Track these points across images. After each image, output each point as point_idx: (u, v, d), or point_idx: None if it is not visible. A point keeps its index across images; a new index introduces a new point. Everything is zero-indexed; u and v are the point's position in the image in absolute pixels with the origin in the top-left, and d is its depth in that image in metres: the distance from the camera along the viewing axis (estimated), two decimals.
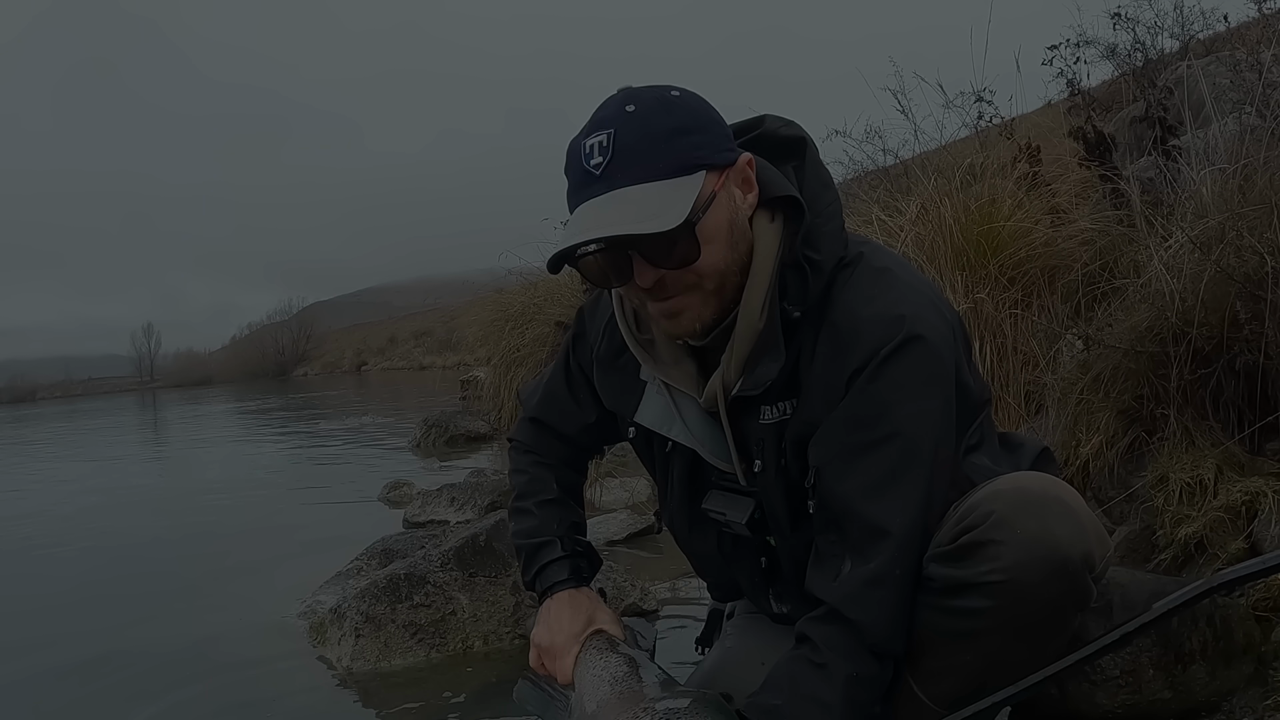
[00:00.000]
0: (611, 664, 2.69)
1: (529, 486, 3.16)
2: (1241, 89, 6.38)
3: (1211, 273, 4.78)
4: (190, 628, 5.73)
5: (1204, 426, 4.93)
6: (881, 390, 2.35)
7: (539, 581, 3.01)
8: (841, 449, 2.39)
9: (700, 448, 2.64)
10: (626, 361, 2.76)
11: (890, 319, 2.37)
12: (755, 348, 2.45)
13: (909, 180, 9.24)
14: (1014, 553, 2.29)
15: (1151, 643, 3.04)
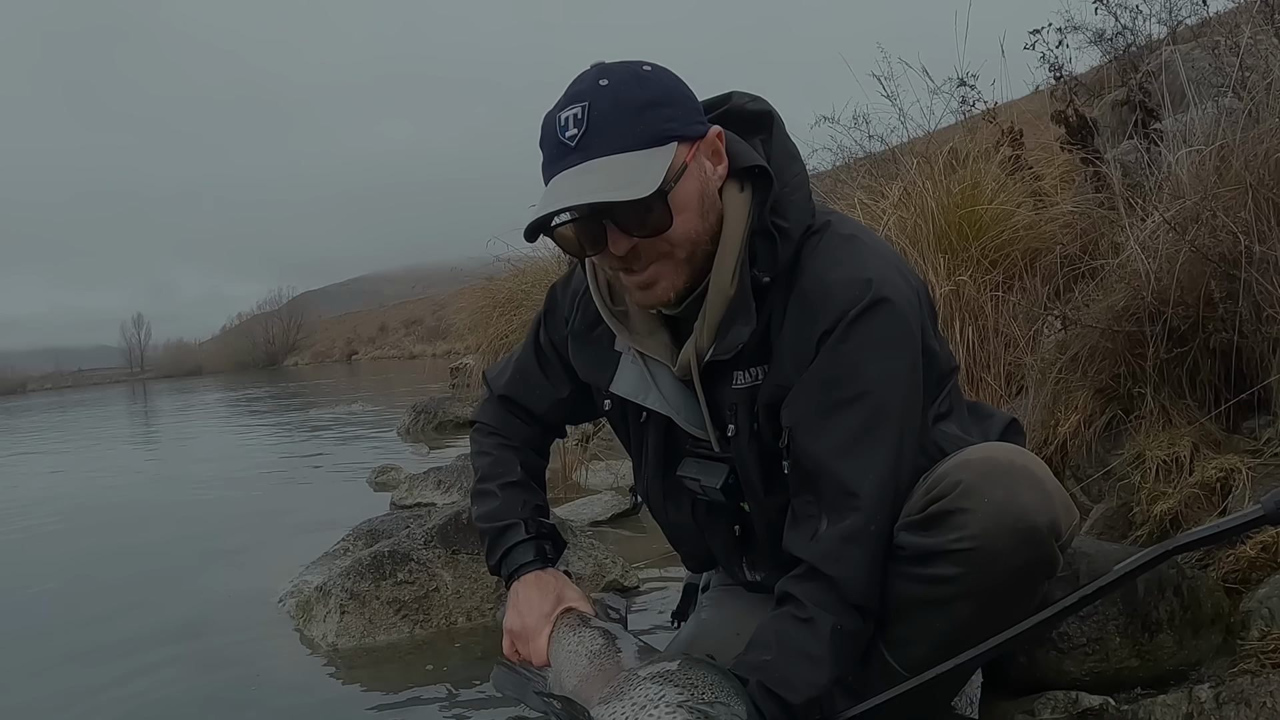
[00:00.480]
0: (586, 638, 2.71)
1: (492, 469, 3.18)
2: (1220, 73, 6.42)
3: (1186, 253, 4.83)
4: (178, 610, 5.74)
5: (1180, 405, 4.98)
6: (850, 351, 2.42)
7: (505, 565, 3.05)
8: (813, 409, 2.45)
9: (675, 415, 2.70)
10: (601, 334, 2.81)
11: (857, 282, 2.44)
12: (727, 313, 2.50)
13: (895, 165, 9.28)
14: (982, 521, 2.36)
15: (1118, 611, 3.08)
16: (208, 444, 18.30)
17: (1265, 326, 4.55)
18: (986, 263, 7.06)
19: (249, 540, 7.69)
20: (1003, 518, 2.35)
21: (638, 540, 6.39)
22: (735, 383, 2.60)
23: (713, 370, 2.60)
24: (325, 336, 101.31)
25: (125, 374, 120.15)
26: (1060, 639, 3.11)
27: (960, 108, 9.66)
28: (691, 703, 2.16)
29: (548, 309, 3.07)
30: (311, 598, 5.06)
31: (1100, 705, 3.02)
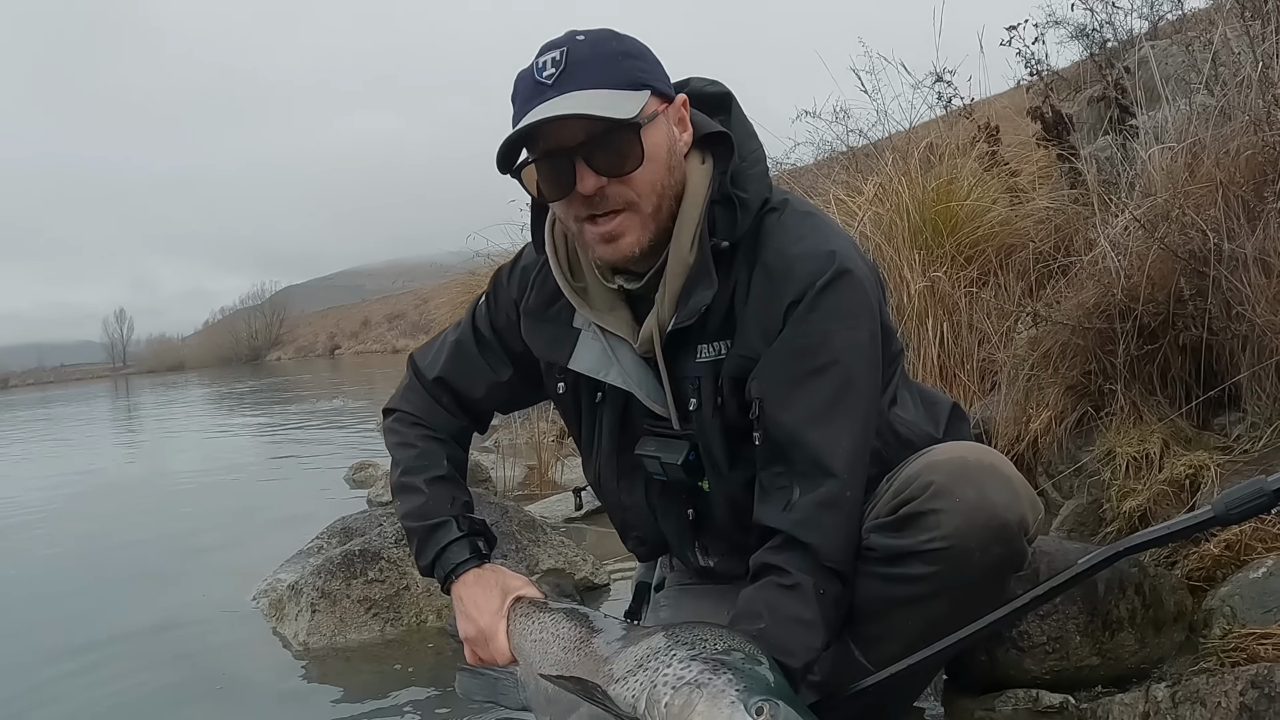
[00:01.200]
0: (549, 622, 2.62)
1: (417, 461, 3.01)
2: (1194, 69, 6.44)
3: (1156, 250, 4.84)
4: (153, 607, 5.76)
5: (1151, 402, 5.00)
6: (818, 320, 2.44)
7: (439, 566, 2.90)
8: (783, 379, 2.46)
9: (637, 390, 2.67)
10: (559, 311, 2.78)
11: (822, 254, 2.47)
12: (687, 280, 2.51)
13: (871, 161, 9.29)
14: (955, 520, 2.40)
15: (1078, 610, 3.10)
16: (187, 441, 18.26)
17: (1234, 323, 4.57)
18: (961, 259, 7.07)
19: (224, 538, 7.70)
20: (975, 516, 2.39)
21: (610, 538, 6.39)
22: (699, 356, 2.59)
23: (676, 343, 2.60)
24: (308, 331, 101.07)
25: (108, 370, 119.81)
26: (1020, 637, 3.12)
27: (937, 103, 9.64)
28: (714, 657, 2.11)
29: (491, 292, 3.03)
30: (283, 596, 5.07)
31: (1060, 704, 3.05)
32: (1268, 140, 4.72)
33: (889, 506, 2.50)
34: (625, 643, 2.33)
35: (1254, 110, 4.90)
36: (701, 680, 2.03)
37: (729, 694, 1.98)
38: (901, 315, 6.81)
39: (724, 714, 1.95)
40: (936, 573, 2.43)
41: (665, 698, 2.05)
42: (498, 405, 3.19)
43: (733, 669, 2.05)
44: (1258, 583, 3.27)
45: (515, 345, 2.96)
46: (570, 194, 2.43)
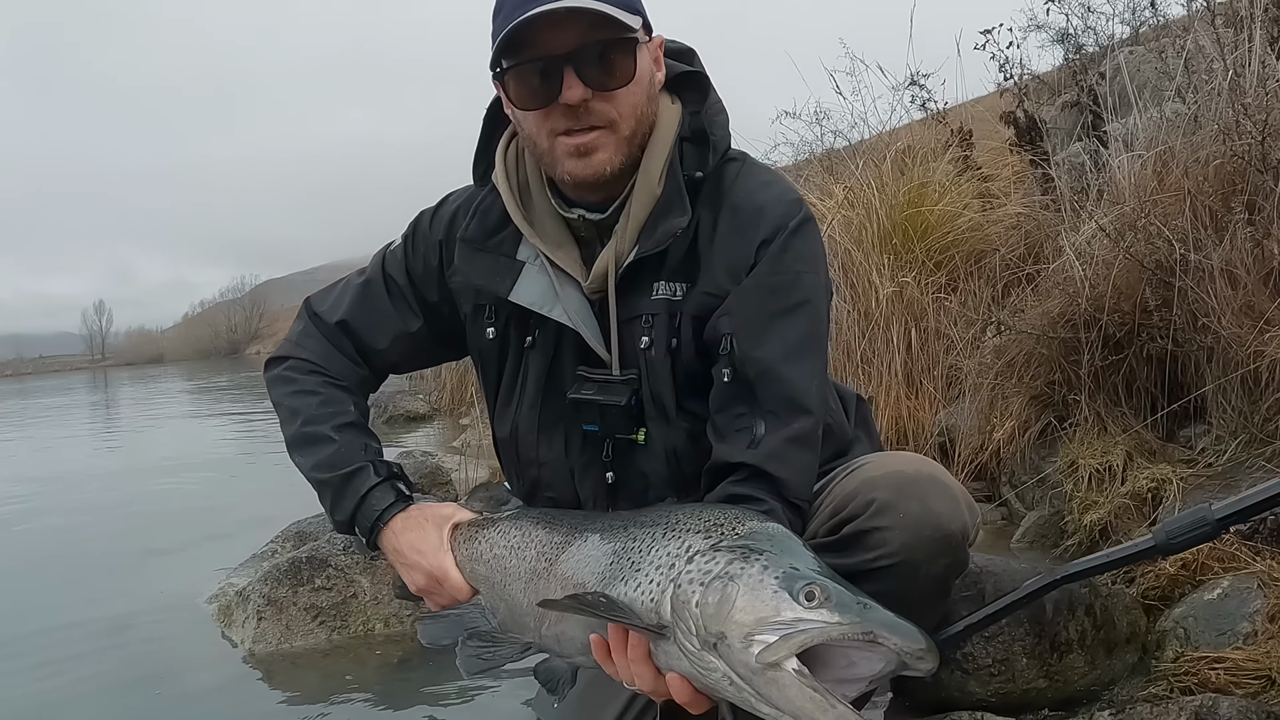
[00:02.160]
0: (499, 538, 2.47)
1: (322, 409, 2.76)
2: (1166, 76, 6.41)
3: (1122, 260, 4.80)
4: (106, 606, 5.67)
5: (1116, 412, 4.95)
6: (791, 261, 2.45)
7: (361, 516, 2.63)
8: (757, 315, 2.42)
9: (581, 328, 2.55)
10: (502, 241, 2.66)
11: (790, 200, 2.53)
12: (656, 209, 2.48)
13: (846, 163, 9.25)
14: (901, 536, 2.35)
15: (1025, 632, 3.04)
16: (160, 436, 18.16)
17: (1200, 335, 4.52)
18: (931, 264, 7.04)
19: (185, 537, 7.58)
20: (921, 531, 2.35)
21: None
22: (654, 294, 2.53)
23: (630, 280, 2.52)
24: (288, 325, 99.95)
25: (86, 361, 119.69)
26: (965, 659, 3.06)
27: (911, 105, 9.62)
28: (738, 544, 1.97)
29: (409, 235, 2.88)
30: (232, 602, 5.00)
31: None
32: (1236, 150, 4.68)
33: (829, 525, 2.45)
34: (605, 539, 2.20)
35: (1223, 119, 4.86)
36: (733, 572, 1.90)
37: (768, 582, 1.86)
38: (869, 321, 6.76)
39: (769, 605, 1.83)
40: (884, 589, 2.35)
41: (695, 597, 1.90)
42: (399, 359, 2.97)
43: (763, 553, 1.93)
44: (1212, 604, 3.22)
45: (430, 294, 2.82)
46: (552, 104, 2.38)
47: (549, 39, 2.32)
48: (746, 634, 1.80)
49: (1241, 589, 3.23)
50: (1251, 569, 3.32)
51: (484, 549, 2.48)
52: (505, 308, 2.65)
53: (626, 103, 2.41)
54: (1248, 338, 4.25)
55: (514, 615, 2.41)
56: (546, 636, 2.32)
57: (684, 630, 1.90)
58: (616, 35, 2.34)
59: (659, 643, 1.97)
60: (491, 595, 2.47)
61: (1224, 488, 4.17)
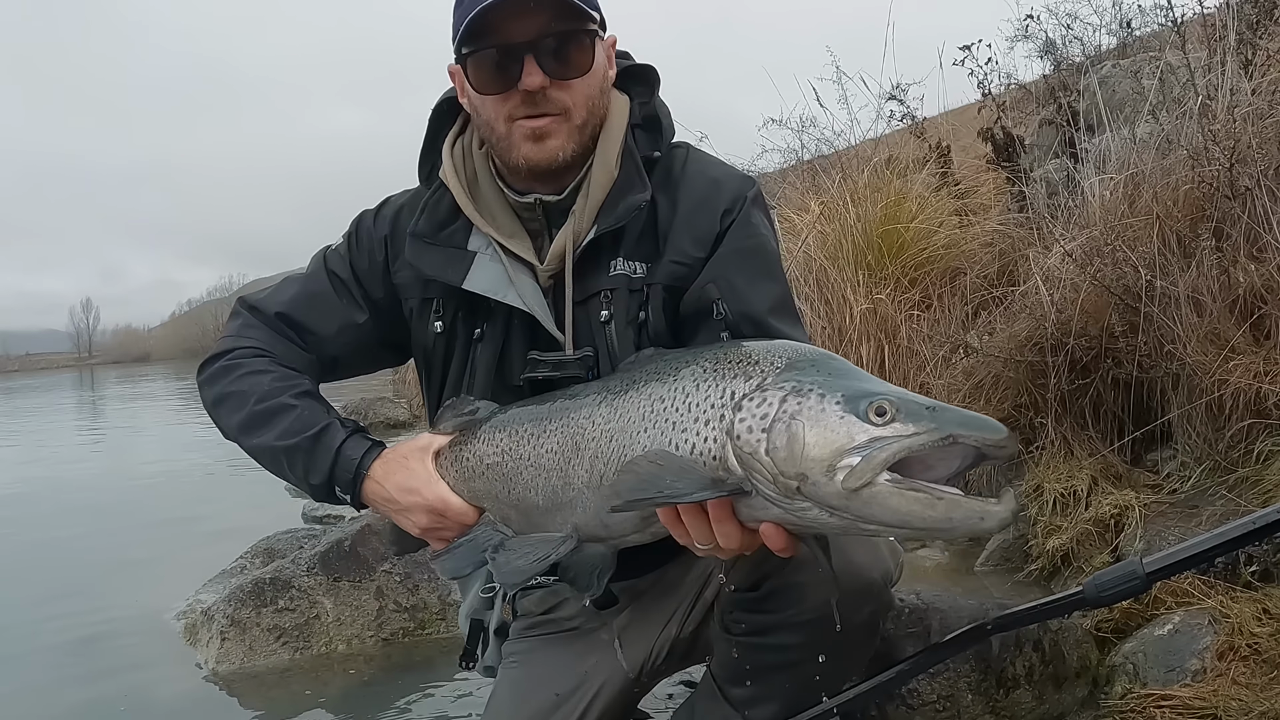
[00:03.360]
0: (487, 447, 2.41)
1: (275, 384, 2.64)
2: (1140, 96, 6.42)
3: (1089, 285, 4.81)
4: (71, 623, 5.66)
5: (1083, 436, 4.96)
6: (757, 226, 2.59)
7: (339, 471, 2.50)
8: (740, 277, 2.50)
9: (536, 310, 2.55)
10: (453, 234, 2.66)
11: (741, 175, 2.69)
12: (614, 189, 2.54)
13: (823, 175, 9.25)
14: (820, 591, 2.33)
15: (971, 668, 3.04)
16: (142, 440, 18.10)
17: (1165, 362, 4.54)
18: (905, 281, 7.04)
19: (156, 550, 7.58)
20: (841, 583, 2.31)
21: None
22: (612, 270, 2.56)
23: (586, 260, 2.56)
24: None
25: (73, 359, 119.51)
26: (910, 695, 3.05)
27: (890, 120, 9.65)
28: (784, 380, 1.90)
29: (352, 233, 2.84)
30: (198, 620, 5.00)
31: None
32: (1204, 176, 4.69)
33: (750, 578, 2.45)
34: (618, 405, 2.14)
35: (1192, 143, 4.87)
36: (790, 409, 1.85)
37: (830, 410, 1.81)
38: (842, 338, 6.77)
39: (840, 432, 1.78)
40: (807, 640, 2.40)
41: (761, 445, 1.84)
42: (341, 352, 2.82)
43: (814, 381, 1.88)
44: (1162, 640, 3.23)
45: (375, 291, 2.77)
46: (511, 89, 2.43)
47: (511, 27, 2.39)
48: (828, 467, 1.77)
49: (1193, 625, 3.24)
50: (1204, 605, 3.33)
51: (475, 464, 2.43)
52: (454, 301, 2.65)
53: (581, 93, 2.48)
54: (1213, 365, 4.26)
55: (532, 516, 2.33)
56: (588, 523, 2.21)
57: (762, 480, 1.85)
58: (576, 26, 2.44)
59: (741, 499, 1.91)
60: (498, 506, 2.41)
61: (1185, 516, 4.20)
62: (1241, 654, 3.08)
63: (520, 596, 2.88)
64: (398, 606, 4.86)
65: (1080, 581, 2.29)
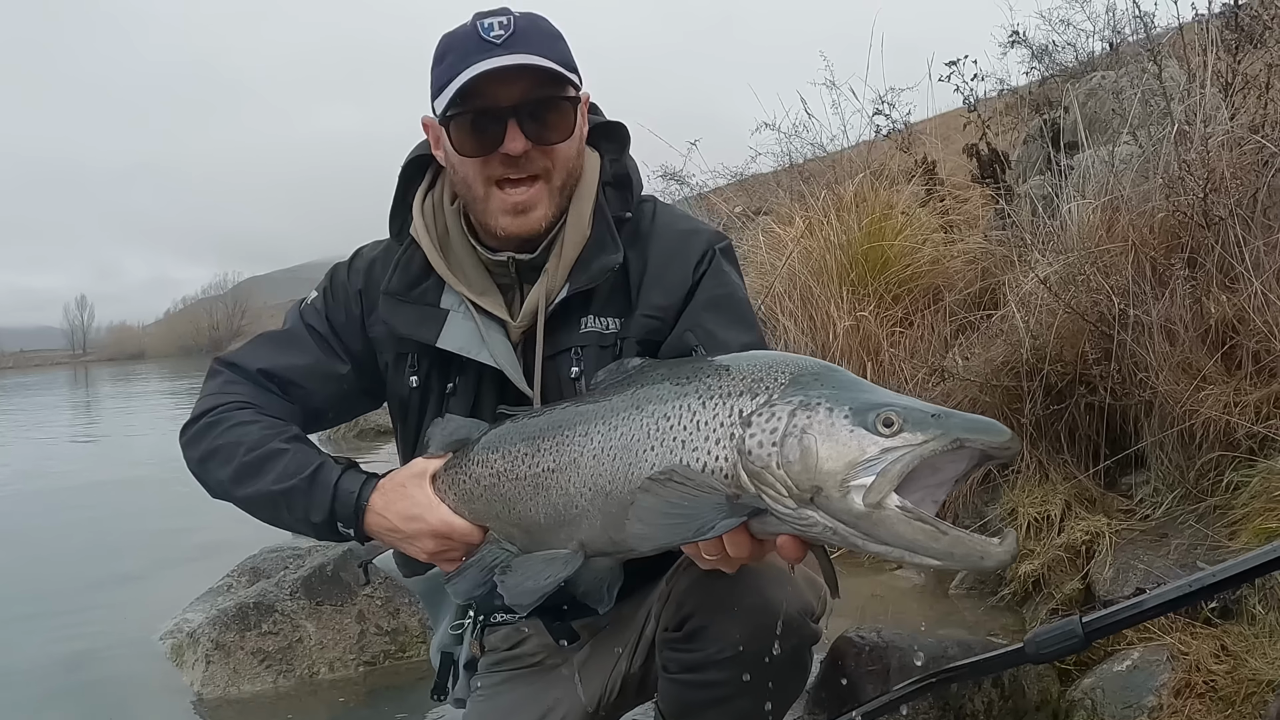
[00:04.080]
0: (482, 469, 2.39)
1: (264, 432, 2.62)
2: (1120, 115, 6.46)
3: (1064, 312, 4.86)
4: (62, 638, 5.73)
5: (1058, 460, 5.02)
6: (729, 278, 2.66)
7: (339, 505, 2.48)
8: (716, 326, 2.56)
9: (507, 368, 2.60)
10: (425, 291, 2.70)
11: (710, 230, 2.76)
12: (586, 249, 2.60)
13: (810, 185, 9.29)
14: (739, 628, 2.40)
15: (929, 705, 3.10)
16: (135, 442, 18.05)
17: (1138, 390, 4.58)
18: (889, 298, 7.07)
19: (145, 564, 7.61)
20: (757, 619, 2.39)
21: None
22: (583, 328, 2.62)
23: (558, 317, 2.61)
24: (270, 323, 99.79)
25: (67, 356, 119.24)
26: None
27: (877, 134, 9.71)
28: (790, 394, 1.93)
29: (327, 287, 2.87)
30: (183, 642, 5.05)
31: None
32: (1179, 204, 4.74)
33: (675, 618, 2.52)
34: (615, 423, 2.13)
35: (1168, 171, 4.92)
36: (800, 424, 1.88)
37: (840, 424, 1.84)
38: (825, 355, 6.79)
39: (852, 446, 1.81)
40: (734, 676, 2.44)
41: (773, 459, 1.87)
42: (325, 404, 2.83)
43: (820, 394, 1.90)
44: (1121, 676, 3.28)
45: (353, 344, 2.80)
46: (492, 153, 2.48)
47: (496, 90, 2.44)
48: (841, 481, 1.80)
49: (1151, 661, 3.29)
50: (1163, 641, 3.39)
51: (472, 485, 2.41)
52: (428, 356, 2.69)
53: (562, 156, 2.54)
54: (1184, 395, 4.31)
55: (535, 533, 2.32)
56: (594, 539, 2.21)
57: (774, 495, 1.88)
58: (559, 93, 2.50)
59: (755, 516, 1.93)
60: (501, 525, 2.40)
61: (1154, 544, 4.26)
62: (1198, 691, 3.14)
63: (487, 633, 2.92)
64: (379, 630, 4.92)
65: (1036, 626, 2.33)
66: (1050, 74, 10.57)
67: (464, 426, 2.52)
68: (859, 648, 3.09)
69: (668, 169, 12.77)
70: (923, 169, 8.54)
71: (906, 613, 4.89)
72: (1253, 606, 3.38)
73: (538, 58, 2.43)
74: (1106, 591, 4.10)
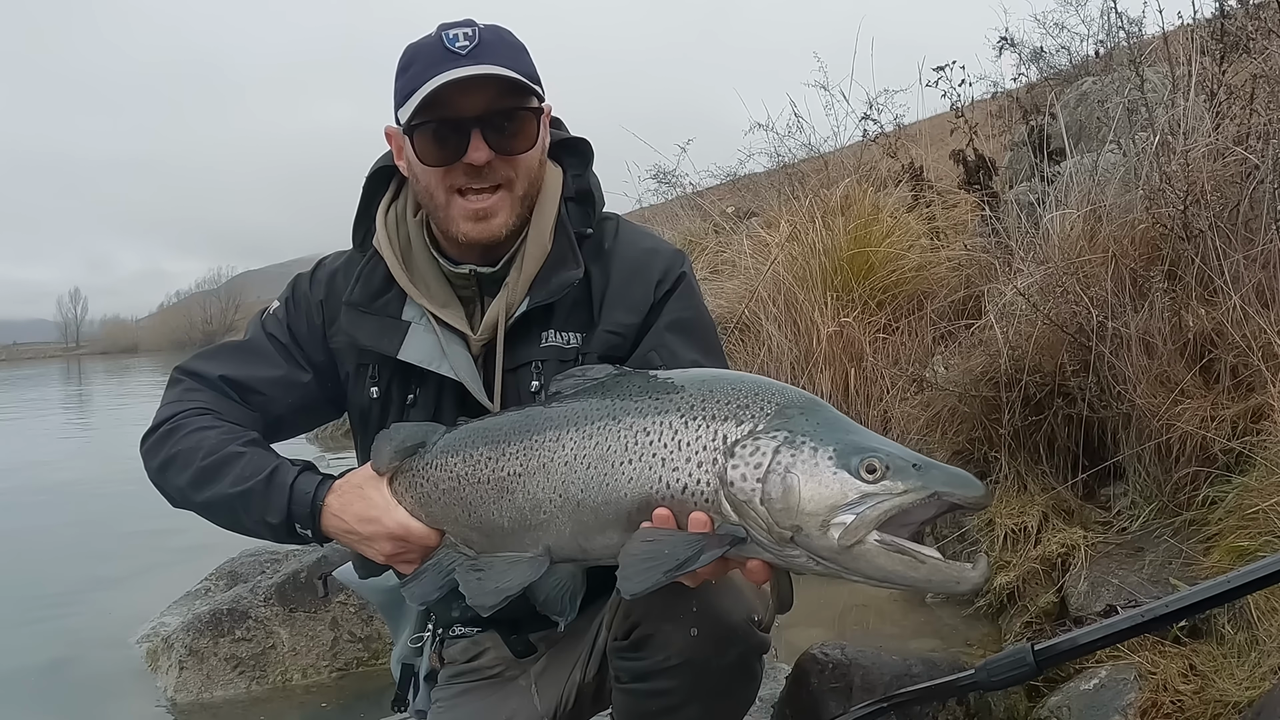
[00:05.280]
0: (438, 473, 2.38)
1: (224, 436, 2.59)
2: (1105, 122, 6.46)
3: (1043, 323, 4.85)
4: (40, 643, 5.75)
5: (1036, 471, 5.01)
6: (691, 297, 2.69)
7: (295, 505, 2.46)
8: (681, 348, 2.57)
9: (467, 381, 2.59)
10: (387, 303, 2.69)
11: (671, 250, 2.78)
12: (547, 263, 2.61)
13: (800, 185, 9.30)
14: (682, 636, 2.39)
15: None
16: (125, 436, 18.02)
17: (1116, 402, 4.58)
18: (873, 304, 7.06)
19: (127, 566, 7.63)
20: (702, 627, 2.38)
21: None
22: (543, 342, 2.63)
23: (518, 331, 2.62)
24: None
25: (61, 349, 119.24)
26: None
27: (865, 138, 9.71)
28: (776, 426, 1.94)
29: (289, 297, 2.87)
30: (159, 647, 5.06)
31: None
32: (1159, 216, 4.73)
33: (623, 627, 2.50)
34: (589, 439, 2.13)
35: (1149, 183, 4.91)
36: (785, 461, 1.90)
37: (824, 465, 1.88)
38: (808, 362, 6.80)
39: (834, 489, 1.85)
40: (681, 684, 2.44)
41: (755, 494, 1.91)
42: (286, 411, 2.80)
43: (806, 432, 1.93)
44: (1087, 695, 3.27)
45: (314, 354, 2.79)
46: (454, 163, 2.49)
47: (460, 101, 2.45)
48: (822, 522, 1.84)
49: (1118, 680, 3.29)
50: (1131, 660, 3.37)
51: (430, 489, 2.40)
52: (389, 367, 2.68)
53: (524, 165, 2.55)
54: (1161, 408, 4.30)
55: (496, 537, 2.30)
56: (563, 545, 2.21)
57: (755, 527, 1.91)
58: (522, 104, 2.51)
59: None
60: (459, 529, 2.38)
61: (1129, 557, 4.25)
62: (1165, 711, 3.13)
63: (446, 645, 2.93)
64: (352, 637, 4.92)
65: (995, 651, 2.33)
66: (1042, 78, 10.57)
67: (416, 431, 2.50)
68: (822, 664, 3.08)
69: (659, 169, 12.80)
70: (910, 173, 8.52)
71: (884, 622, 4.89)
72: (1222, 626, 3.38)
73: (501, 68, 2.43)
74: (1080, 606, 4.09)
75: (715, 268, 8.76)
